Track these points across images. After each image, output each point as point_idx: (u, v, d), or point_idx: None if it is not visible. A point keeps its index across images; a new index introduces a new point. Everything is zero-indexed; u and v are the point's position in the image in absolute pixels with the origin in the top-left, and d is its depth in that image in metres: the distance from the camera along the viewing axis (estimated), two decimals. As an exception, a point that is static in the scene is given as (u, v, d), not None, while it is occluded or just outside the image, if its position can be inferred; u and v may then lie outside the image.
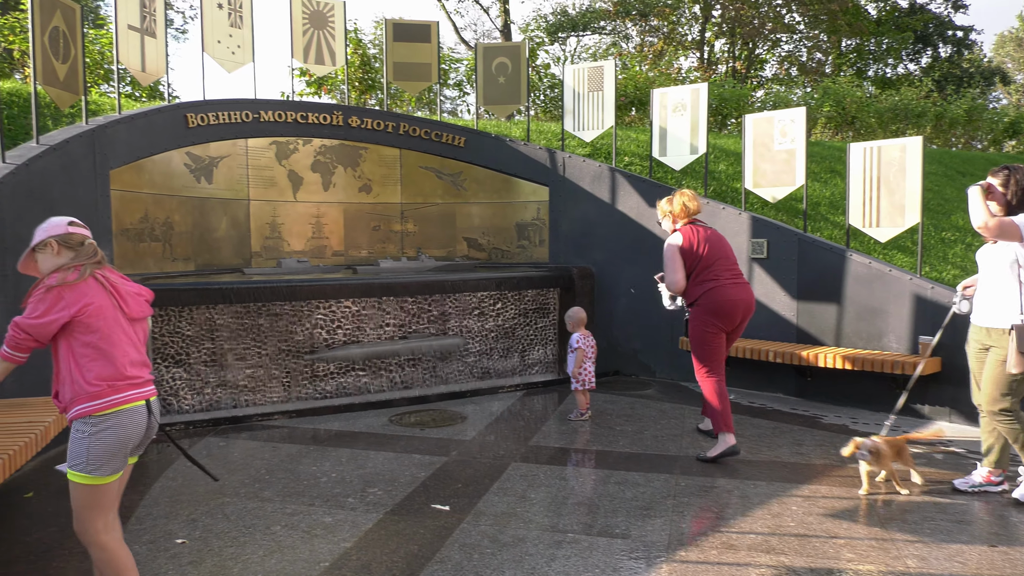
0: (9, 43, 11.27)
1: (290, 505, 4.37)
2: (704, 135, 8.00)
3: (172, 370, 6.22)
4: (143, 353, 3.02)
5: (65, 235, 2.91)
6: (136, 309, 2.98)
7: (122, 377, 2.85)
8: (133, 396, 2.87)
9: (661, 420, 6.33)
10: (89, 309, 2.79)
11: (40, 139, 5.86)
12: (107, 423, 2.80)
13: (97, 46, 11.40)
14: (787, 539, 3.84)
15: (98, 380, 2.79)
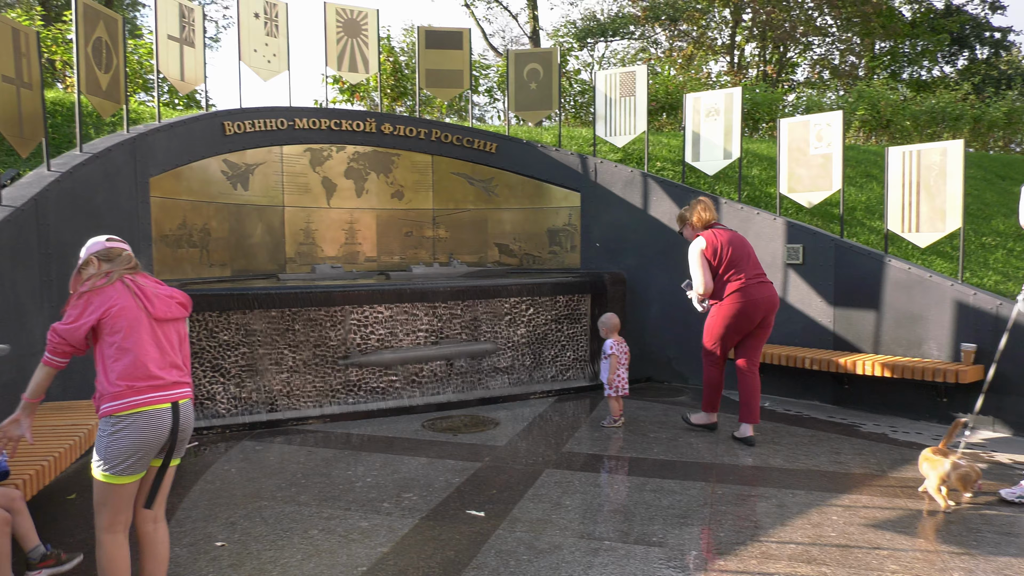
0: (52, 54, 11.54)
1: (326, 509, 4.39)
2: (738, 140, 7.92)
3: (209, 374, 6.30)
4: (174, 355, 3.02)
5: (104, 250, 3.07)
6: (162, 309, 2.99)
7: (144, 378, 2.87)
8: (156, 399, 2.89)
9: (695, 427, 6.26)
10: (113, 311, 2.89)
11: (83, 147, 5.98)
12: (125, 424, 2.84)
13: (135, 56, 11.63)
14: (828, 549, 3.77)
15: (120, 380, 2.85)
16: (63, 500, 4.57)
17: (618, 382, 6.28)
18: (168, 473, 3.08)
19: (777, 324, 7.34)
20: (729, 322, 5.65)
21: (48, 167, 5.46)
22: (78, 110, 5.93)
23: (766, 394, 7.43)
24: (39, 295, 4.94)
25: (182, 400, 3.00)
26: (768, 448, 5.62)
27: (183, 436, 3.03)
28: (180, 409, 2.98)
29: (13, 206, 4.74)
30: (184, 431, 3.02)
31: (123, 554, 2.96)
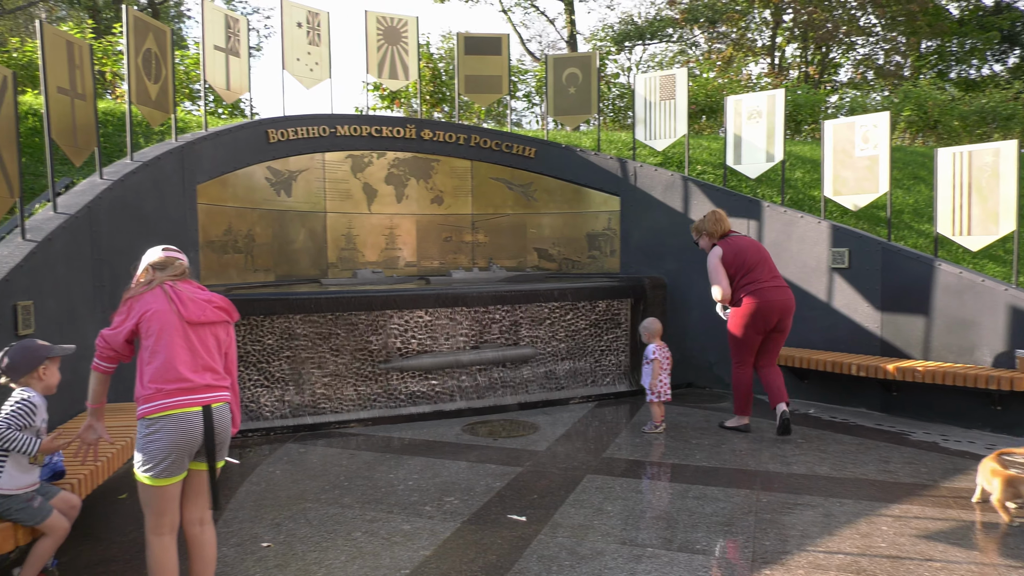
0: (103, 65, 11.89)
1: (369, 512, 4.43)
2: (781, 142, 7.81)
3: (253, 377, 6.41)
4: (209, 358, 3.02)
5: (159, 260, 3.15)
6: (195, 313, 3.01)
7: (173, 380, 2.90)
8: (185, 402, 2.90)
9: (739, 434, 6.18)
10: (147, 314, 2.96)
11: (134, 156, 6.15)
12: (156, 427, 2.88)
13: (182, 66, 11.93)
14: (879, 561, 3.69)
15: (150, 383, 2.90)
16: (115, 500, 4.68)
17: (660, 387, 6.23)
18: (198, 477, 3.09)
19: (822, 329, 7.22)
20: (748, 323, 5.99)
21: (100, 175, 5.62)
22: (129, 120, 6.10)
23: (811, 401, 7.30)
24: (92, 299, 5.08)
25: (215, 404, 2.99)
26: (814, 456, 5.51)
27: (220, 440, 3.03)
28: (213, 413, 2.97)
29: (68, 213, 4.89)
30: (219, 435, 3.02)
31: (169, 556, 2.99)
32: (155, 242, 5.90)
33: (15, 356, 3.26)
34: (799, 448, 5.72)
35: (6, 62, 10.89)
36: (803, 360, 6.91)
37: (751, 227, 7.69)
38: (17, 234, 4.53)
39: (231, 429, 3.12)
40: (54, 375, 3.38)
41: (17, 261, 4.18)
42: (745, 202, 7.77)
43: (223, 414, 3.04)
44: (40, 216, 4.88)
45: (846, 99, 17.25)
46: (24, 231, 4.54)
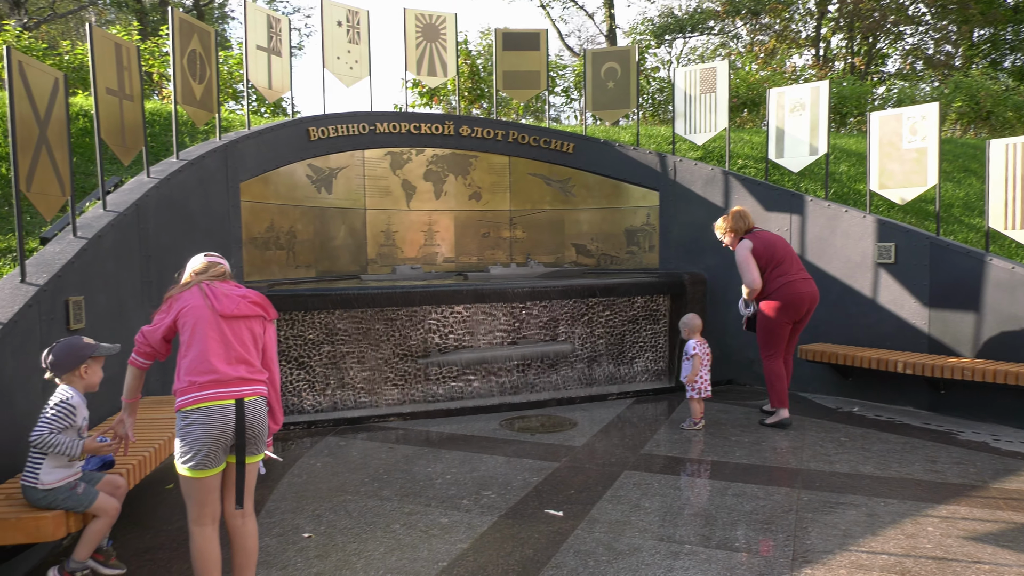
0: (149, 67, 12.20)
1: (408, 505, 4.48)
2: (825, 135, 7.66)
3: (295, 372, 6.52)
4: (244, 352, 3.07)
5: (199, 266, 3.25)
6: (229, 306, 3.08)
7: (207, 373, 2.97)
8: (218, 395, 2.96)
9: (779, 431, 6.09)
10: (184, 310, 3.07)
11: (179, 155, 6.30)
12: (190, 419, 2.95)
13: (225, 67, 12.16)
14: (924, 562, 3.61)
15: (185, 376, 2.99)
16: (161, 490, 4.82)
17: (700, 383, 6.18)
18: (249, 470, 3.11)
19: (866, 326, 7.08)
20: (780, 315, 6.15)
21: (148, 174, 5.77)
22: (175, 119, 6.25)
23: (855, 399, 7.18)
24: (140, 294, 5.23)
25: (248, 397, 3.02)
26: (858, 455, 5.41)
27: (252, 433, 3.05)
28: (246, 406, 3.01)
29: (117, 211, 5.04)
30: (252, 428, 3.04)
31: (211, 547, 3.04)
32: (200, 238, 6.06)
33: (59, 353, 3.36)
34: (842, 447, 5.62)
35: (58, 65, 11.24)
36: (847, 357, 6.78)
37: (793, 222, 7.57)
38: (69, 231, 4.68)
39: (268, 423, 3.15)
40: (96, 374, 3.46)
41: (69, 258, 4.32)
42: (787, 196, 7.65)
43: (257, 408, 3.06)
44: (90, 214, 5.03)
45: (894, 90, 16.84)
46: (75, 228, 4.68)
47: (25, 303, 3.79)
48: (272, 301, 6.30)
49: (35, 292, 3.90)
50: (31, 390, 3.79)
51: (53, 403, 3.30)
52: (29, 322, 3.81)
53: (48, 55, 11.51)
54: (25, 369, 3.74)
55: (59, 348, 3.38)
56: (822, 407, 6.95)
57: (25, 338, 3.77)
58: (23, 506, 3.20)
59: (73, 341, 3.42)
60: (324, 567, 3.64)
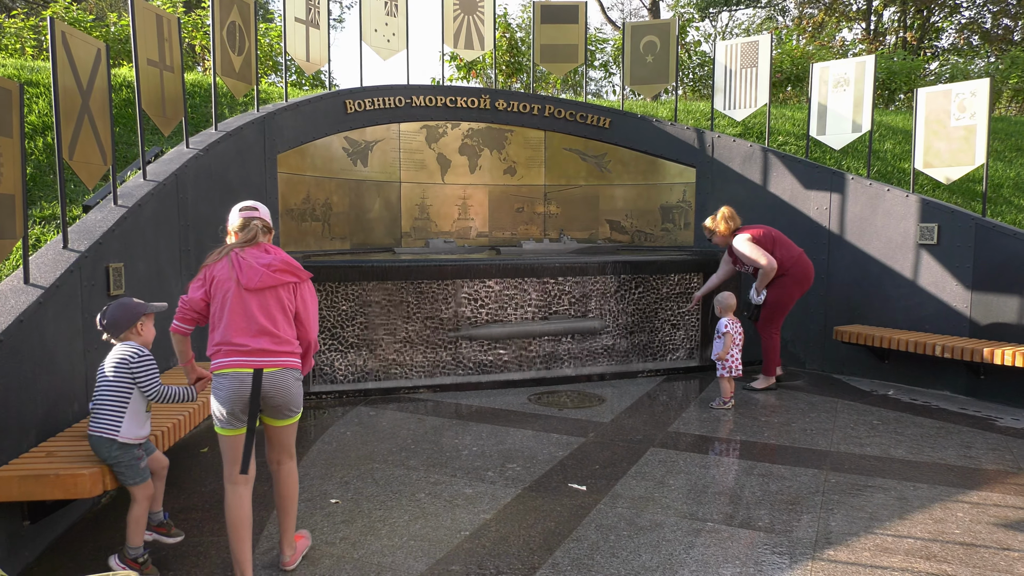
0: (192, 39, 12.36)
1: (433, 475, 4.56)
2: (869, 112, 7.46)
3: (328, 342, 6.63)
4: (268, 322, 3.14)
5: (238, 223, 3.33)
6: (252, 279, 3.14)
7: (228, 343, 3.13)
8: (236, 363, 3.11)
9: (810, 413, 6.03)
10: (214, 283, 3.20)
11: (218, 126, 6.40)
12: (217, 383, 3.14)
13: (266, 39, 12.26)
14: (951, 547, 3.56)
15: (213, 344, 3.17)
16: (196, 453, 4.97)
17: (731, 362, 6.14)
18: (277, 432, 3.31)
19: (906, 308, 6.94)
20: (793, 290, 6.67)
21: (187, 144, 5.88)
22: (214, 91, 6.34)
23: (891, 382, 7.06)
24: (178, 263, 5.35)
25: (268, 368, 3.13)
26: (890, 438, 5.33)
27: (273, 402, 3.19)
28: (264, 377, 3.12)
29: (156, 180, 5.15)
30: (270, 397, 3.16)
31: (241, 503, 3.17)
32: (237, 209, 6.16)
33: (114, 313, 3.45)
34: (874, 430, 5.54)
35: (104, 36, 11.45)
36: (884, 339, 6.66)
37: (833, 201, 7.42)
38: (110, 200, 4.80)
39: (291, 391, 3.22)
40: (151, 331, 3.57)
41: (109, 225, 4.44)
42: (828, 174, 7.49)
43: (277, 379, 3.16)
44: (131, 183, 5.15)
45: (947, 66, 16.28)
46: (116, 197, 4.80)
47: (67, 268, 3.91)
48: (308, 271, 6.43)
49: (76, 258, 4.02)
50: (73, 353, 3.93)
51: (133, 359, 3.36)
52: (71, 287, 3.94)
53: (96, 26, 11.73)
54: (67, 333, 3.87)
55: (113, 309, 3.46)
56: (856, 390, 6.85)
57: (67, 303, 3.89)
58: (64, 461, 3.33)
59: (125, 301, 3.51)
60: (349, 532, 3.74)
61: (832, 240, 7.45)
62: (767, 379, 6.90)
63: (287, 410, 3.27)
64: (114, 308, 3.47)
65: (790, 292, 6.68)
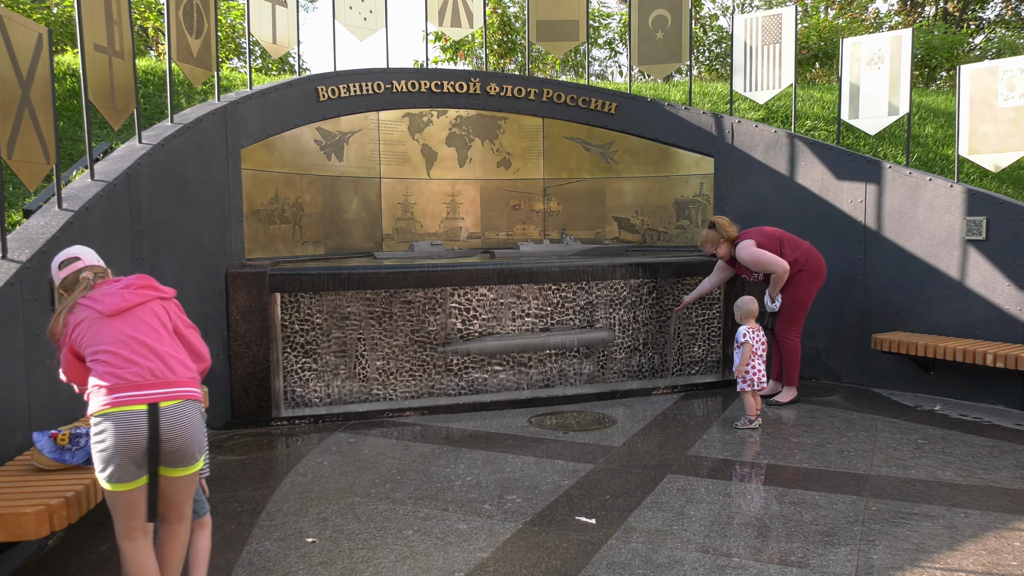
0: (144, 20, 12.40)
1: (423, 508, 4.56)
2: (907, 92, 7.51)
3: (300, 360, 6.64)
4: (154, 341, 3.05)
5: (62, 280, 3.22)
6: (111, 303, 3.06)
7: (112, 376, 2.95)
8: (123, 400, 2.92)
9: (847, 432, 6.05)
10: (73, 333, 3.06)
11: (174, 117, 6.41)
12: (99, 426, 2.93)
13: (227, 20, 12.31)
14: (1007, 582, 3.58)
15: (93, 383, 3.00)
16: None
17: (752, 374, 6.17)
18: (174, 484, 3.06)
19: (952, 312, 6.97)
20: (811, 285, 6.87)
21: (140, 139, 5.89)
22: (169, 78, 6.36)
23: (937, 395, 7.09)
24: (131, 273, 5.34)
25: (165, 402, 2.95)
26: (937, 459, 5.35)
27: (171, 447, 2.97)
28: (161, 413, 2.94)
29: (106, 180, 5.16)
30: (168, 441, 2.95)
31: (144, 560, 3.03)
32: (197, 211, 6.18)
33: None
34: (919, 450, 5.57)
35: (46, 20, 11.48)
36: (928, 348, 6.69)
37: (868, 192, 7.46)
38: (54, 203, 4.81)
39: (195, 430, 3.04)
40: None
41: (53, 232, 4.44)
42: (862, 163, 7.53)
43: (178, 416, 2.98)
44: (77, 184, 5.16)
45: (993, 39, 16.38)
46: (60, 200, 4.81)
47: (7, 281, 3.92)
48: (276, 280, 6.45)
49: (17, 269, 4.02)
50: (14, 376, 3.93)
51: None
52: (11, 302, 3.94)
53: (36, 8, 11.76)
54: (7, 354, 3.88)
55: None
56: (898, 405, 6.87)
57: (6, 319, 3.90)
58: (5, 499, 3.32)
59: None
60: (328, 575, 3.74)
61: (868, 237, 7.48)
62: (792, 391, 7.00)
63: (188, 456, 3.03)
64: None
65: (808, 288, 6.86)
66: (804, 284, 6.85)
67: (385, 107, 8.33)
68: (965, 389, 6.94)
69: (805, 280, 6.85)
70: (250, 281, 6.46)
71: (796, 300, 6.88)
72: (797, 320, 6.94)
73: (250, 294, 6.47)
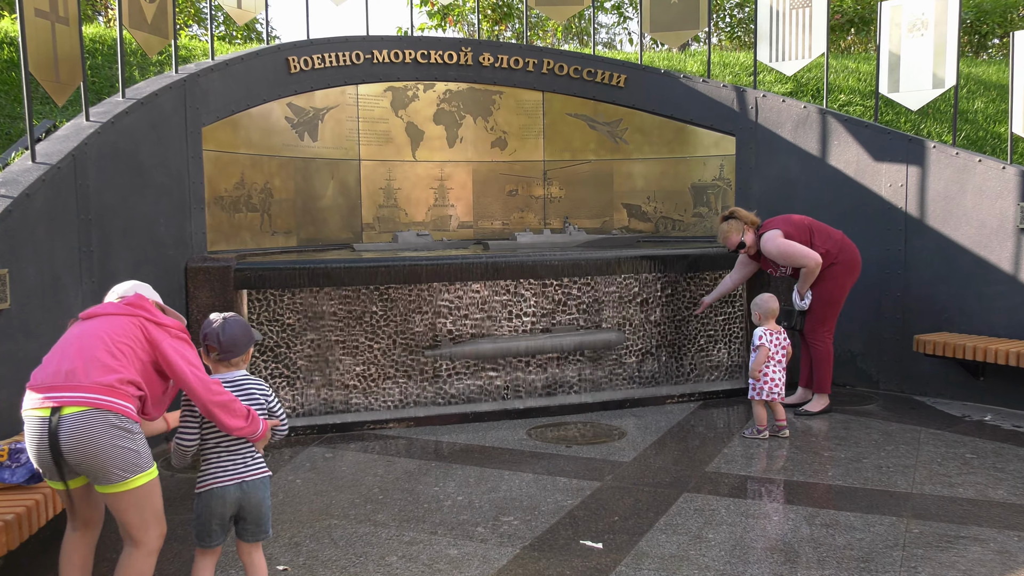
0: (92, -19, 12.39)
1: (408, 532, 4.57)
2: (954, 62, 7.52)
3: (270, 366, 6.64)
4: (90, 347, 3.13)
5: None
6: (89, 309, 3.34)
7: (35, 375, 3.17)
8: (35, 402, 3.08)
9: (886, 445, 6.07)
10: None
11: (126, 92, 6.40)
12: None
13: (187, -20, 12.31)
14: (1066, 612, 3.59)
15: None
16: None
17: (766, 383, 6.27)
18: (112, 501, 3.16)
19: (1005, 311, 7.00)
20: (845, 279, 6.89)
21: (87, 117, 5.88)
22: (120, 48, 6.35)
23: (988, 404, 7.11)
24: (77, 266, 5.36)
25: (69, 408, 3.02)
26: (987, 476, 5.38)
27: (72, 459, 3.04)
28: (62, 421, 3.01)
29: (49, 163, 5.16)
30: (67, 452, 3.02)
31: (69, 549, 3.36)
32: (153, 197, 6.19)
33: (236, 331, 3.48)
34: (968, 465, 5.59)
35: (-21, -20, 11.45)
36: (978, 350, 6.71)
37: (910, 175, 7.47)
38: (-11, 189, 4.81)
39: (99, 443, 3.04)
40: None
41: (-11, 221, 4.44)
42: (903, 142, 7.54)
43: (77, 424, 3.02)
44: (16, 167, 5.15)
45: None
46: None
47: (-64, 278, 3.91)
48: (242, 276, 6.44)
49: (-52, 264, 4.02)
50: (-56, 385, 3.92)
51: (258, 388, 3.54)
52: (-59, 301, 3.94)
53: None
54: (-63, 359, 3.87)
55: (233, 325, 3.47)
56: (944, 415, 6.90)
57: (-64, 321, 3.90)
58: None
59: (240, 318, 3.54)
60: (302, 607, 3.75)
61: (910, 225, 7.50)
62: (823, 399, 6.99)
63: (98, 472, 3.08)
64: (234, 324, 3.47)
65: (842, 283, 6.88)
66: (837, 279, 6.84)
67: (365, 80, 8.33)
68: (1019, 397, 6.96)
69: (838, 274, 6.84)
70: (213, 276, 6.46)
71: (828, 297, 6.86)
72: (829, 319, 6.93)
73: (213, 291, 6.46)
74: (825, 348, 6.95)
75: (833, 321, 6.98)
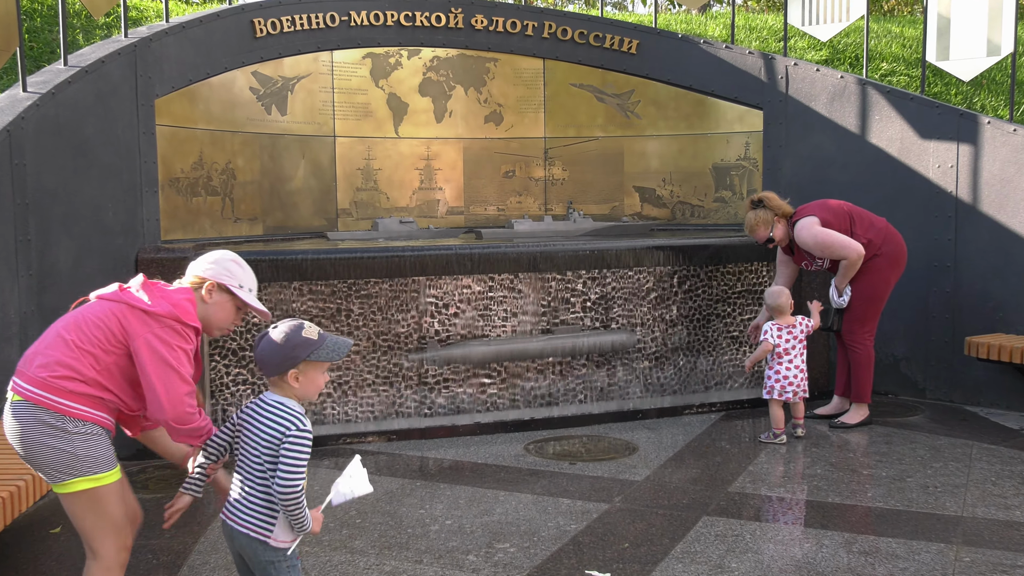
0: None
1: (389, 561, 4.57)
2: (1011, 26, 7.52)
3: (232, 371, 6.64)
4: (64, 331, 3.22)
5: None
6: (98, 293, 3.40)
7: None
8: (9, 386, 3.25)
9: (933, 462, 6.08)
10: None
11: (69, 59, 6.38)
12: None
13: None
14: None
15: None
16: (45, 535, 4.96)
17: (778, 381, 6.44)
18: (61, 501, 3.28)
19: (1065, 309, 7.03)
20: (890, 273, 6.88)
21: (24, 87, 5.87)
22: (62, 9, 6.33)
23: None
24: (13, 258, 5.35)
25: (17, 396, 3.18)
26: (1047, 497, 5.39)
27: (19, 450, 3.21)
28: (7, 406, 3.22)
29: (-21, 140, 5.15)
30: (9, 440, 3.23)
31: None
32: (98, 178, 6.18)
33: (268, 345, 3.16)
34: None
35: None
36: (1037, 355, 6.73)
37: (961, 155, 7.47)
38: (-88, 169, 4.80)
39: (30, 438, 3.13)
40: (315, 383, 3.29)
41: (-88, 206, 4.43)
42: (953, 117, 7.54)
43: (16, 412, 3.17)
44: (-57, 144, 5.15)
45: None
46: (-79, 165, 4.80)
47: None
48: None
49: None
50: None
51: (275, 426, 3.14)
52: None
53: None
54: None
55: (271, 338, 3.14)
56: (1000, 427, 6.91)
57: None
58: None
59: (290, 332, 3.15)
60: (269, 646, 3.74)
61: (961, 212, 7.50)
62: (862, 409, 6.98)
63: (37, 468, 3.21)
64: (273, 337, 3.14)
65: (885, 278, 6.84)
66: (880, 273, 6.81)
67: (341, 45, 8.32)
68: (1084, 407, 6.99)
69: (881, 267, 6.81)
70: (167, 269, 6.44)
71: (870, 293, 6.82)
72: (870, 319, 6.91)
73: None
74: (865, 352, 6.91)
75: (875, 321, 6.94)
